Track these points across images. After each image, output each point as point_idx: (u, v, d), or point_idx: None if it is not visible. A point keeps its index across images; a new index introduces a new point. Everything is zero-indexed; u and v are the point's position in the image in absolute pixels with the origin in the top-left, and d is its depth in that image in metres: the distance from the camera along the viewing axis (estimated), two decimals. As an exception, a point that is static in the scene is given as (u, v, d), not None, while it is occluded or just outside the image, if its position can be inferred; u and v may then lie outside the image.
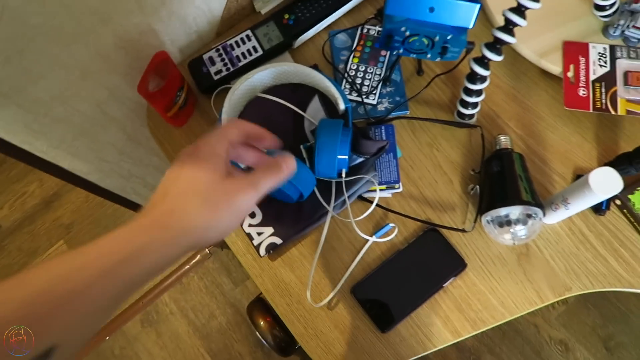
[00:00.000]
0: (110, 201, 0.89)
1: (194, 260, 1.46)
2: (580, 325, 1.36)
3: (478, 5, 0.49)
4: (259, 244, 0.59)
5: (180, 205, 0.33)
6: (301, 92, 0.64)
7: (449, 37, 0.52)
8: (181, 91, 0.63)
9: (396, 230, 0.60)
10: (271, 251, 0.59)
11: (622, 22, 0.63)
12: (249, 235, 0.60)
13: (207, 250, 1.45)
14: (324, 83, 0.60)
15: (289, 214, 0.59)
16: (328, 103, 0.63)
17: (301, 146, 0.59)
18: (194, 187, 0.34)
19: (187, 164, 0.35)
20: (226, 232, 0.36)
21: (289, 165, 0.40)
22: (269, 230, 0.59)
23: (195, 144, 0.37)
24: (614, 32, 0.64)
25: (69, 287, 0.28)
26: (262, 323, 1.14)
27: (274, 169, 0.39)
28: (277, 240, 0.59)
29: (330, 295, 0.58)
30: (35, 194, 1.61)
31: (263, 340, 1.12)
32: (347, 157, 0.55)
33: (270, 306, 1.19)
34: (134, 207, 0.99)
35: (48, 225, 1.56)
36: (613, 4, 0.62)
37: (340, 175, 0.56)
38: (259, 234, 0.60)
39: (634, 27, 0.62)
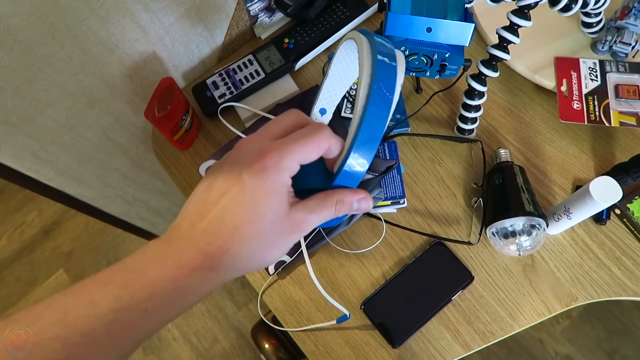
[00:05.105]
0: (114, 226, 0.89)
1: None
2: (584, 339, 1.36)
3: (473, 25, 0.51)
4: (268, 263, 0.59)
5: (236, 245, 0.29)
6: (305, 110, 0.65)
7: (447, 55, 0.54)
8: (186, 115, 0.65)
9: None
10: (280, 269, 0.59)
11: (609, 38, 0.65)
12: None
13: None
14: None
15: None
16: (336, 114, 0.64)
17: None
18: (256, 223, 0.29)
19: (249, 185, 0.28)
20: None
21: (361, 205, 0.33)
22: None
23: (260, 148, 0.29)
24: (602, 48, 0.66)
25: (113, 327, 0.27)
26: (267, 346, 1.13)
27: (340, 205, 0.32)
28: (286, 258, 0.59)
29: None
30: (34, 224, 1.60)
31: (268, 364, 1.10)
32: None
33: (274, 328, 1.17)
34: (138, 231, 0.99)
35: (47, 254, 1.55)
36: (599, 22, 0.64)
37: None
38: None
39: (620, 42, 0.64)
